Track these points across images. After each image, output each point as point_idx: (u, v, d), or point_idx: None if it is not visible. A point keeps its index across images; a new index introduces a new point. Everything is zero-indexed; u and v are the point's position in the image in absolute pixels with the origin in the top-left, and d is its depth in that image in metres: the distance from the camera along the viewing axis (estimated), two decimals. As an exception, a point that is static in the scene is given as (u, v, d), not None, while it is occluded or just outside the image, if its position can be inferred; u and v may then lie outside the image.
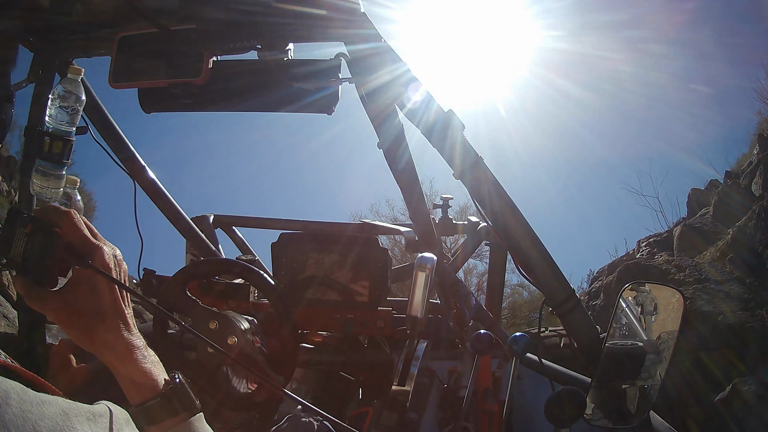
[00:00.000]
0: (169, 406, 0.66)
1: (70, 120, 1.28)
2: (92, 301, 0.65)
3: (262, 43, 1.15)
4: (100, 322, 0.65)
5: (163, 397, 0.66)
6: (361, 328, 1.60)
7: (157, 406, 0.65)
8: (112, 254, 0.68)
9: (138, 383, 0.66)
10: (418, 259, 1.38)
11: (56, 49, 1.34)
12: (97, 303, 0.65)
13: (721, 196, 6.96)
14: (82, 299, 0.65)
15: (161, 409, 0.66)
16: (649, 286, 1.20)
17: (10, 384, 0.41)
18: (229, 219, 2.37)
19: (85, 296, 0.65)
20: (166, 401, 0.66)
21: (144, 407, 0.65)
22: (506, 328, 2.18)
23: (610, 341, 1.11)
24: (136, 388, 0.66)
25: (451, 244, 5.43)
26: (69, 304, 0.65)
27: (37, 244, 0.64)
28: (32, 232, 0.64)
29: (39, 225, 0.64)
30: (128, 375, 0.66)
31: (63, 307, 0.65)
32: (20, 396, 0.41)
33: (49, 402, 0.43)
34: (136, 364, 0.66)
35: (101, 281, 0.65)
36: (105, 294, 0.66)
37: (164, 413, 0.66)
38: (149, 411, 0.65)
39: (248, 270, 1.38)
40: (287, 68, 1.19)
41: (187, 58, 1.17)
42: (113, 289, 0.67)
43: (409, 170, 1.53)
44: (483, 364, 1.30)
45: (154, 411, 0.65)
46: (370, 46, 1.10)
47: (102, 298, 0.66)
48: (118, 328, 0.66)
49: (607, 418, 1.12)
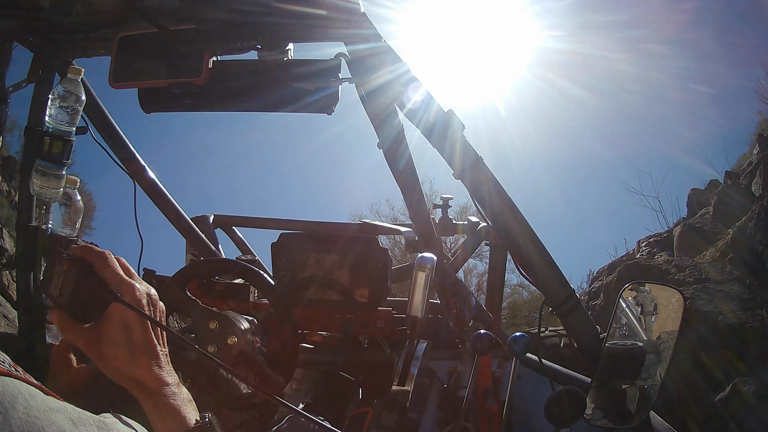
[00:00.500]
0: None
1: (70, 120, 1.28)
2: (123, 336, 0.68)
3: (262, 43, 1.15)
4: (129, 356, 0.67)
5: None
6: (361, 328, 1.60)
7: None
8: (146, 292, 0.72)
9: (166, 420, 0.67)
10: (418, 259, 1.38)
11: (56, 49, 1.34)
12: (127, 337, 0.68)
13: (721, 196, 6.96)
14: (113, 333, 0.67)
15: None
16: (649, 286, 1.20)
17: (18, 388, 0.42)
18: (229, 219, 2.37)
19: (116, 330, 0.68)
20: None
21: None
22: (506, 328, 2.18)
23: (610, 341, 1.11)
24: (162, 424, 0.67)
25: (451, 244, 5.43)
26: (100, 337, 0.67)
27: (72, 280, 0.68)
28: (68, 269, 0.68)
29: (74, 262, 0.69)
30: (156, 411, 0.67)
31: (94, 339, 0.67)
32: (28, 401, 0.41)
33: (57, 409, 0.44)
34: (165, 401, 0.68)
35: (133, 317, 0.68)
36: (136, 329, 0.69)
37: None
38: None
39: (248, 270, 1.38)
40: (287, 68, 1.19)
41: (187, 58, 1.17)
42: (145, 325, 0.70)
43: (409, 170, 1.53)
44: (483, 364, 1.30)
45: None
46: (370, 46, 1.10)
47: (132, 333, 0.68)
48: (148, 363, 0.68)
49: (607, 418, 1.12)
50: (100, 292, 0.69)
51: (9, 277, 4.99)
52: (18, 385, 0.42)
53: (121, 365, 0.67)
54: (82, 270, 0.68)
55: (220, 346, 1.23)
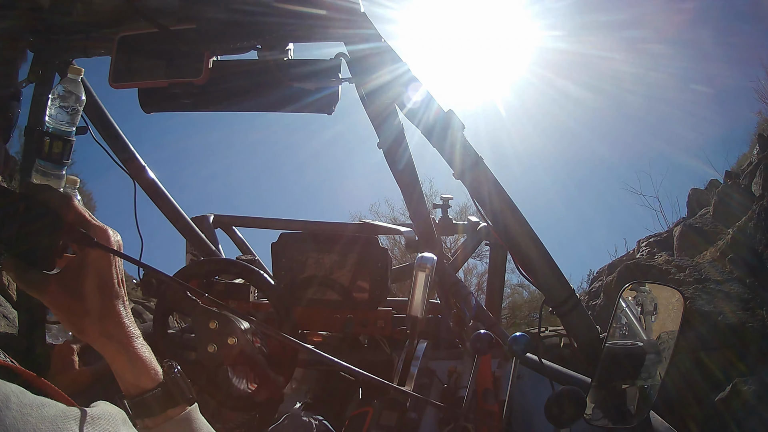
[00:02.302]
0: (169, 398, 0.64)
1: (70, 120, 1.28)
2: (96, 286, 0.61)
3: (262, 43, 1.15)
4: (102, 308, 0.61)
5: (164, 388, 0.64)
6: (361, 328, 1.60)
7: (156, 398, 0.63)
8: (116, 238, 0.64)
9: (137, 374, 0.64)
10: (418, 259, 1.38)
11: (56, 49, 1.34)
12: (100, 287, 0.61)
13: (721, 196, 6.96)
14: (85, 283, 0.60)
15: (161, 400, 0.64)
16: (649, 286, 1.20)
17: (9, 387, 0.41)
18: (229, 219, 2.37)
19: (89, 279, 0.61)
20: (166, 392, 0.64)
21: (143, 398, 0.63)
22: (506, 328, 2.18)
23: (610, 341, 1.11)
24: (135, 379, 0.63)
25: (451, 244, 5.44)
26: (70, 288, 0.60)
27: (35, 224, 0.58)
28: (26, 211, 0.58)
29: (34, 204, 0.59)
30: (128, 365, 0.63)
31: (63, 291, 0.60)
32: (20, 399, 0.41)
33: (48, 405, 0.43)
34: (136, 353, 0.64)
35: (106, 264, 0.62)
36: (110, 278, 0.62)
37: (164, 404, 0.64)
38: (148, 402, 0.63)
39: (248, 270, 1.38)
40: (287, 68, 1.19)
41: (187, 58, 1.17)
42: (117, 273, 0.63)
43: (409, 170, 1.53)
44: (483, 364, 1.30)
45: (154, 402, 0.63)
46: (370, 46, 1.10)
47: (106, 283, 0.62)
48: (119, 315, 0.63)
49: (607, 418, 1.12)
50: (74, 237, 0.60)
51: (9, 277, 4.99)
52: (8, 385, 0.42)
53: (91, 319, 0.61)
54: (46, 213, 0.59)
55: (220, 346, 1.23)
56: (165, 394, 0.64)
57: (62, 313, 0.61)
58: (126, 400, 0.63)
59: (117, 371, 0.64)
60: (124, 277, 0.66)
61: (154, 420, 0.63)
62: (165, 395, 0.64)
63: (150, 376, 0.64)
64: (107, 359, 0.64)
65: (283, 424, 1.31)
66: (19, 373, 0.45)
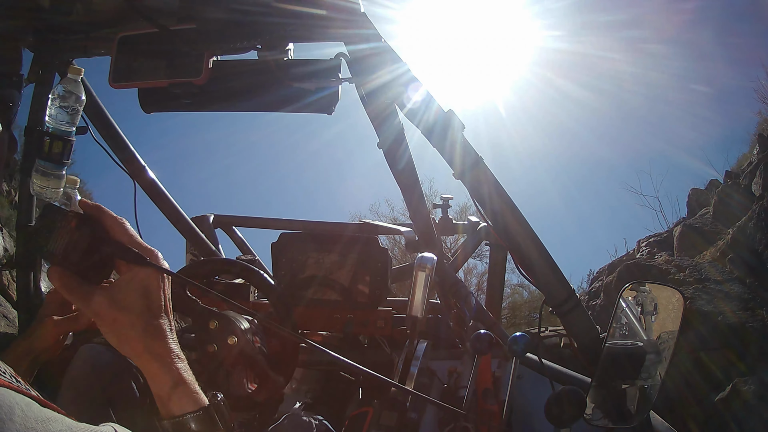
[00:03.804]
0: (210, 422, 0.63)
1: (70, 120, 1.28)
2: (143, 302, 0.63)
3: (262, 43, 1.15)
4: (148, 325, 0.62)
5: (206, 412, 0.63)
6: (361, 328, 1.60)
7: (198, 420, 0.63)
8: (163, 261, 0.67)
9: (179, 395, 0.63)
10: (418, 259, 1.38)
11: (56, 49, 1.34)
12: (148, 305, 0.63)
13: (721, 196, 6.96)
14: (132, 299, 0.62)
15: (201, 423, 0.63)
16: (649, 286, 1.20)
17: (15, 399, 0.41)
18: (229, 219, 2.37)
19: (137, 296, 0.63)
20: (208, 416, 0.63)
21: (183, 419, 0.62)
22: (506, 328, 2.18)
23: (610, 341, 1.11)
24: (176, 400, 0.63)
25: (451, 244, 5.43)
26: (117, 302, 0.62)
27: (84, 240, 0.62)
28: (78, 227, 0.63)
29: (85, 221, 0.64)
30: (170, 385, 0.63)
31: (109, 304, 0.62)
32: (25, 412, 0.40)
33: (54, 419, 0.43)
34: (180, 374, 0.64)
35: (155, 284, 0.64)
36: (157, 297, 0.64)
37: (203, 427, 0.63)
38: (188, 424, 0.62)
39: (248, 270, 1.38)
40: (287, 68, 1.19)
41: (187, 58, 1.17)
42: (165, 294, 0.65)
43: (409, 170, 1.53)
44: (483, 364, 1.30)
45: (194, 424, 0.62)
46: (370, 46, 1.10)
47: (153, 301, 0.63)
48: (165, 334, 0.64)
49: (607, 418, 1.12)
50: (125, 255, 0.64)
51: (9, 277, 4.99)
52: (14, 395, 0.41)
53: (137, 334, 0.62)
54: (97, 230, 0.63)
55: (220, 346, 1.23)
56: (207, 418, 0.63)
57: (106, 325, 0.63)
58: (164, 421, 0.63)
59: (158, 391, 0.64)
60: None
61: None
62: (206, 419, 0.63)
63: (192, 399, 0.64)
64: (148, 377, 0.64)
65: (283, 424, 1.31)
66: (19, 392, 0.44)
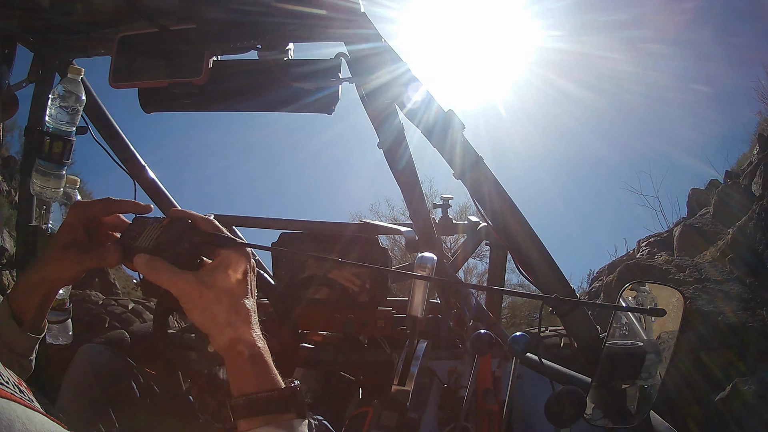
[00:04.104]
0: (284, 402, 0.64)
1: (70, 120, 1.29)
2: (230, 281, 0.67)
3: (262, 43, 1.15)
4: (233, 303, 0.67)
5: (280, 392, 0.65)
6: (361, 328, 1.60)
7: (271, 399, 0.64)
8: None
9: (256, 373, 0.65)
10: (418, 259, 1.38)
11: (56, 49, 1.34)
12: (234, 285, 0.68)
13: (721, 195, 6.96)
14: (219, 278, 0.67)
15: (274, 402, 0.64)
16: (649, 286, 1.20)
17: (15, 412, 0.41)
18: (229, 219, 2.36)
19: (224, 276, 0.68)
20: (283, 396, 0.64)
21: (256, 396, 0.63)
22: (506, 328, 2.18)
23: (610, 341, 1.11)
24: (252, 377, 0.65)
25: (451, 244, 5.44)
26: (204, 281, 0.66)
27: (175, 232, 0.71)
28: (170, 224, 0.72)
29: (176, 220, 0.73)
30: (248, 363, 0.65)
31: (197, 283, 0.66)
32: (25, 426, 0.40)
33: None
34: (260, 354, 0.66)
35: (241, 266, 0.69)
36: (243, 279, 0.69)
37: (276, 407, 0.64)
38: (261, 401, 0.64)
39: (248, 270, 1.38)
40: (287, 68, 1.19)
41: (187, 58, 1.17)
42: (250, 279, 0.71)
43: (409, 170, 1.53)
44: (483, 363, 1.30)
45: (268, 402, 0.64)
46: (370, 46, 1.10)
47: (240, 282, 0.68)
48: (248, 313, 0.68)
49: (607, 417, 1.12)
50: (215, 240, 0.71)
51: (9, 277, 4.99)
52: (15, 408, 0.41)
53: (222, 309, 0.66)
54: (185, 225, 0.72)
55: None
56: (281, 398, 0.65)
57: (192, 301, 0.66)
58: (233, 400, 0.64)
59: (235, 368, 0.66)
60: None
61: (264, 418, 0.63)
62: (281, 398, 0.65)
63: (268, 379, 0.66)
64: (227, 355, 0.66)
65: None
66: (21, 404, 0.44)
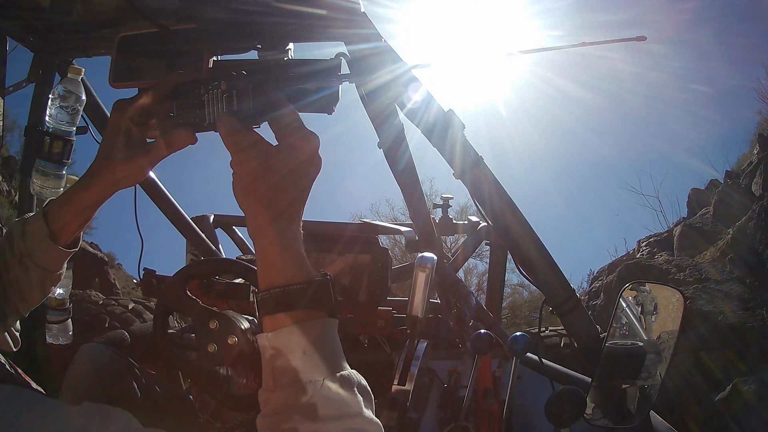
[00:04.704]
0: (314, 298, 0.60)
1: (70, 120, 1.29)
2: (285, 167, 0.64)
3: (262, 43, 1.15)
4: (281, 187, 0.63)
5: (311, 286, 0.61)
6: (361, 328, 1.60)
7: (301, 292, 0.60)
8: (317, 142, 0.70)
9: (287, 263, 0.61)
10: (418, 258, 1.38)
11: (56, 49, 1.34)
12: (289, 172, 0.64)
13: (722, 195, 6.97)
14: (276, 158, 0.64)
15: (304, 297, 0.60)
16: (650, 286, 1.20)
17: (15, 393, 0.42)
18: (229, 219, 2.37)
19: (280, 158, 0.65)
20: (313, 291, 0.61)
21: (286, 290, 0.60)
22: (506, 328, 2.18)
23: (610, 341, 1.11)
24: (282, 268, 0.61)
25: (451, 244, 5.44)
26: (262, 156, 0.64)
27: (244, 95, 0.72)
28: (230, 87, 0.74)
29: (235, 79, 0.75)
30: (279, 251, 0.61)
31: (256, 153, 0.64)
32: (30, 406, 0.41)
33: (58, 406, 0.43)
34: (295, 242, 0.63)
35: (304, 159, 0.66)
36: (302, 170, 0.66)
37: (306, 302, 0.60)
38: (290, 295, 0.60)
39: (248, 270, 1.38)
40: (287, 68, 1.19)
41: (187, 58, 1.17)
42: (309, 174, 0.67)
43: (409, 170, 1.53)
44: (483, 363, 1.30)
45: (297, 296, 0.60)
46: (371, 46, 1.10)
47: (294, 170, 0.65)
48: (293, 202, 0.64)
49: (607, 417, 1.12)
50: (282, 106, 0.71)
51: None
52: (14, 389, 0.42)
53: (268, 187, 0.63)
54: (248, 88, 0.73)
55: (220, 346, 1.23)
56: (311, 292, 0.60)
57: (244, 172, 0.64)
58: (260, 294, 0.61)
59: (265, 255, 0.62)
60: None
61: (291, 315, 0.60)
62: (311, 293, 0.60)
63: (300, 272, 0.62)
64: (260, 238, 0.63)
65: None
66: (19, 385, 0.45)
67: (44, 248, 0.77)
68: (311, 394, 0.56)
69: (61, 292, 1.40)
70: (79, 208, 0.79)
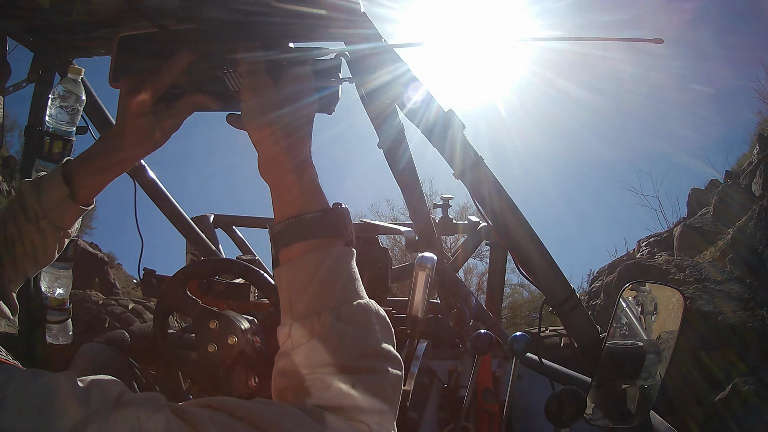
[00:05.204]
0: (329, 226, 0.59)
1: (71, 120, 1.29)
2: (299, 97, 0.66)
3: (263, 42, 1.15)
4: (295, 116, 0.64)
5: (326, 214, 0.59)
6: (362, 327, 1.60)
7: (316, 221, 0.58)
8: None
9: (301, 191, 0.60)
10: (418, 258, 1.38)
11: (56, 49, 1.34)
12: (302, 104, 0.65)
13: (722, 195, 6.97)
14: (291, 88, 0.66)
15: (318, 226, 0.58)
16: (650, 286, 1.20)
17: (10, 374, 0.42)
18: (229, 219, 2.37)
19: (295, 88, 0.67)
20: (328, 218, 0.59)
21: (300, 219, 0.58)
22: (506, 328, 2.18)
23: (610, 341, 1.11)
24: (297, 196, 0.60)
25: (451, 244, 5.44)
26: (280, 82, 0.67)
27: None
28: None
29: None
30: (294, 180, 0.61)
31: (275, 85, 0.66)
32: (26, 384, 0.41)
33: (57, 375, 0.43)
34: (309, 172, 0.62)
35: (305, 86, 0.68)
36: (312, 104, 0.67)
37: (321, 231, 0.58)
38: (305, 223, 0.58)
39: (248, 270, 1.38)
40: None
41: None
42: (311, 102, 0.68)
43: (409, 170, 1.53)
44: (483, 363, 1.30)
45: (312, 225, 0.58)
46: (371, 46, 1.10)
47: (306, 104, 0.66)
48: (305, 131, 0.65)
49: (607, 417, 1.12)
50: None
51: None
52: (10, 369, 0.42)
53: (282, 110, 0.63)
54: None
55: (220, 346, 1.23)
56: (327, 220, 0.59)
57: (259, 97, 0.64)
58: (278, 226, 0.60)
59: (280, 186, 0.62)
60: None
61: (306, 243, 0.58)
62: (326, 221, 0.59)
63: (315, 200, 0.60)
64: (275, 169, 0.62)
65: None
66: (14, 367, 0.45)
67: (64, 209, 0.75)
68: (328, 323, 0.54)
69: (61, 292, 1.40)
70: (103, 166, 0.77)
